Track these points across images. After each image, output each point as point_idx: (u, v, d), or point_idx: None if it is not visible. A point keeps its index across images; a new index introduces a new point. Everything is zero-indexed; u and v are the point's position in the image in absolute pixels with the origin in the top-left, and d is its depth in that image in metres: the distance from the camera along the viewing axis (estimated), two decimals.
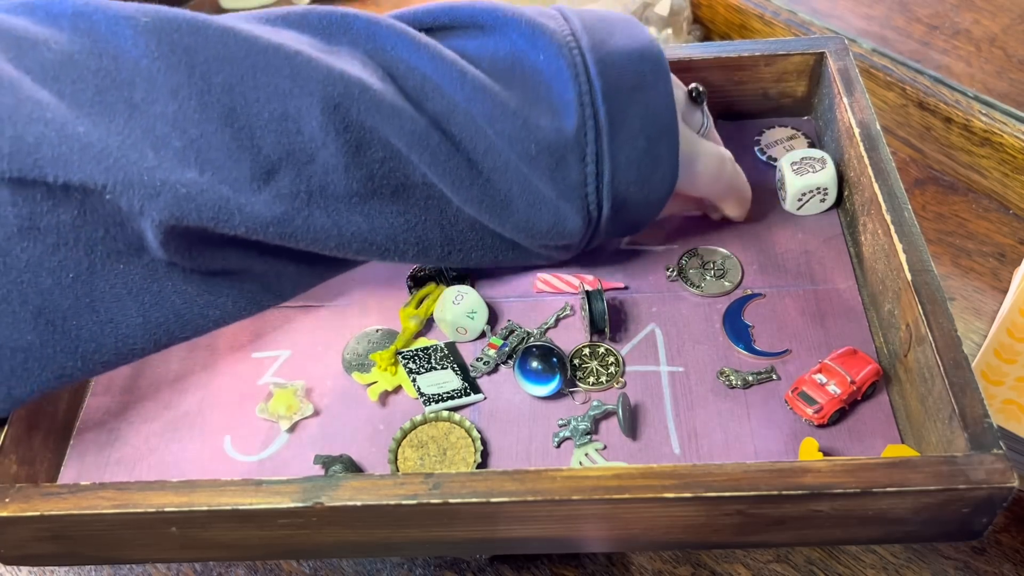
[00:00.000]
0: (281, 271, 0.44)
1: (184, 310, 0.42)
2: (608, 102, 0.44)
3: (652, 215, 0.49)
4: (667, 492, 0.37)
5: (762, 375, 0.47)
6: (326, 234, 0.42)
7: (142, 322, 0.41)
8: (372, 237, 0.43)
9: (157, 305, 0.41)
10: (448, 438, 0.46)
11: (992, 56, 0.75)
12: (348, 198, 0.42)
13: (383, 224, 0.43)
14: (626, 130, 0.45)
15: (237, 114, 0.39)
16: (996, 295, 0.63)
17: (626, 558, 0.52)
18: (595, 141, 0.44)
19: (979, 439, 0.38)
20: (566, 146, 0.44)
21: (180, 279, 0.41)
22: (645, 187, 0.46)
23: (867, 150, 0.50)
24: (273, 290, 0.45)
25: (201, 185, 0.38)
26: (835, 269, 0.51)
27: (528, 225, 0.45)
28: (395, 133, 0.42)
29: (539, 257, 0.50)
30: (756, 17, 0.79)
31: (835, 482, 0.37)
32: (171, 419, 0.48)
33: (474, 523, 0.40)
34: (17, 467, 0.44)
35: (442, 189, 0.44)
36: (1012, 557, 0.51)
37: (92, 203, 0.37)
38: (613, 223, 0.47)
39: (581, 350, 0.49)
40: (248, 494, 0.39)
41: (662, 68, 0.46)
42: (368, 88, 0.41)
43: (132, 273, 0.40)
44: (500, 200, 0.44)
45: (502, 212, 0.45)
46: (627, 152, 0.45)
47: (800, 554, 0.52)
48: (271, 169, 0.40)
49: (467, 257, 0.47)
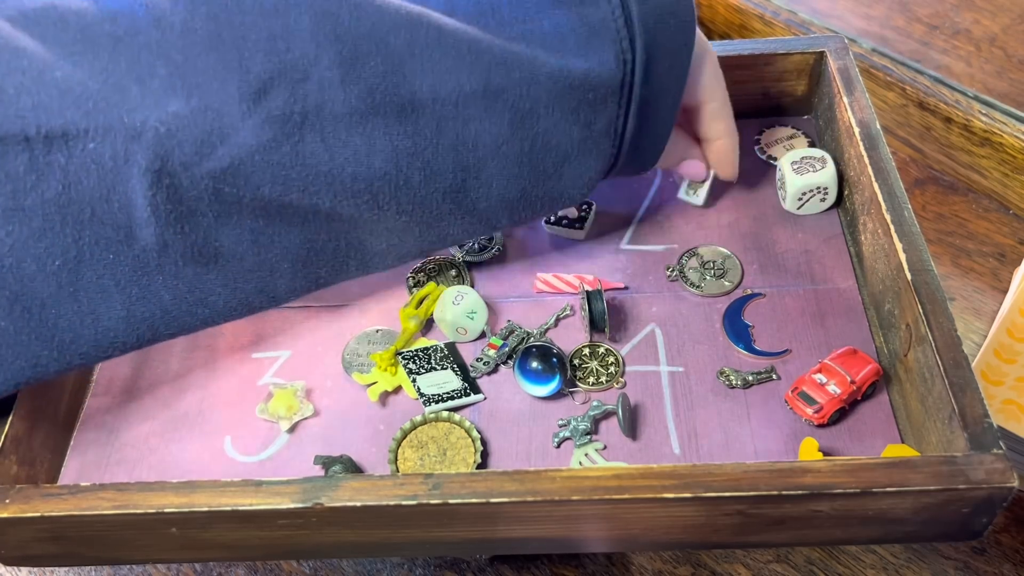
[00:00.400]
0: (275, 267, 0.43)
1: (172, 306, 0.41)
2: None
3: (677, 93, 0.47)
4: (667, 492, 0.37)
5: (762, 375, 0.47)
6: (316, 161, 0.40)
7: (126, 315, 0.40)
8: (370, 162, 0.40)
9: (144, 300, 0.40)
10: (448, 438, 0.46)
11: (992, 56, 0.75)
12: (347, 117, 0.39)
13: (385, 146, 0.41)
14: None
15: (223, 37, 0.38)
16: (996, 295, 0.63)
17: (626, 558, 0.52)
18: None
19: (979, 439, 0.38)
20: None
21: (171, 272, 0.40)
22: (669, 35, 0.44)
23: (867, 149, 0.50)
24: (266, 291, 0.44)
25: (184, 116, 0.37)
26: (835, 269, 0.51)
27: (562, 74, 0.42)
28: (394, 35, 0.40)
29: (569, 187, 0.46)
30: (756, 17, 0.79)
31: (835, 482, 0.37)
32: (171, 419, 0.48)
33: (474, 523, 0.40)
34: (17, 468, 0.44)
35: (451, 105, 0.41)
36: (1012, 557, 0.51)
37: (76, 170, 0.37)
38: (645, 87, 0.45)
39: (581, 350, 0.49)
40: (248, 494, 0.39)
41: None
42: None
43: (121, 264, 0.39)
44: (527, 56, 0.42)
45: (531, 65, 0.42)
46: None
47: (800, 554, 0.52)
48: (261, 89, 0.38)
49: (488, 190, 0.44)
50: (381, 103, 0.40)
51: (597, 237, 0.55)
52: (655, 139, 0.48)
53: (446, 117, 0.41)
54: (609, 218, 0.55)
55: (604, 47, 0.43)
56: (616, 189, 0.57)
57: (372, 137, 0.40)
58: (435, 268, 0.53)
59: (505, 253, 0.54)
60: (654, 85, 0.45)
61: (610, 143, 0.45)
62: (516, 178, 0.44)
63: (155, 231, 0.39)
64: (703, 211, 0.55)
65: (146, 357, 0.51)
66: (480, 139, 0.42)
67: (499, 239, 0.54)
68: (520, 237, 0.55)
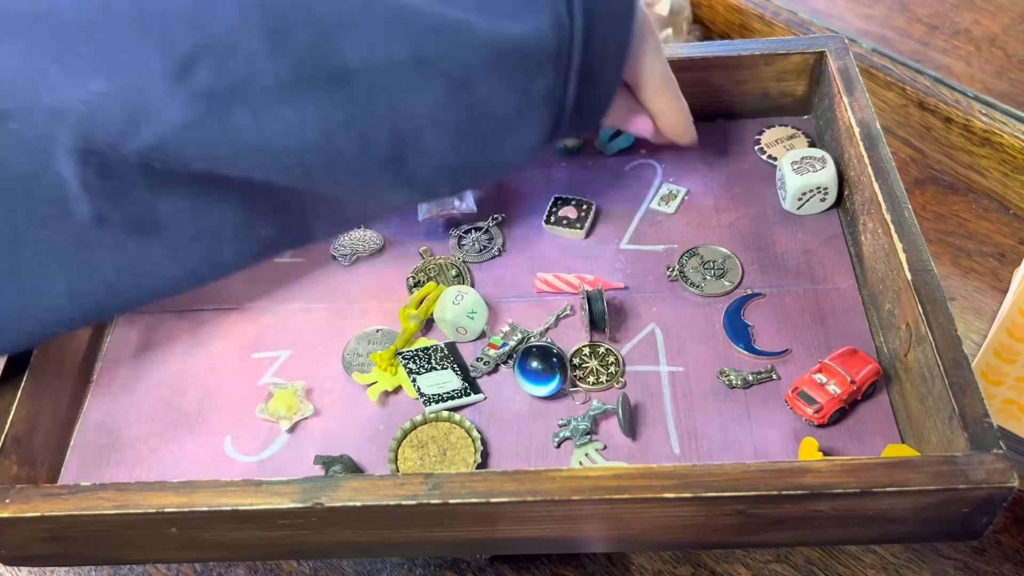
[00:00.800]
0: (217, 233, 0.42)
1: (116, 280, 0.41)
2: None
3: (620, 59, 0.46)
4: (667, 492, 0.37)
5: (762, 375, 0.47)
6: (246, 136, 0.39)
7: (69, 291, 0.40)
8: (302, 135, 0.39)
9: (87, 275, 0.40)
10: (448, 438, 0.46)
11: (992, 56, 0.75)
12: (276, 90, 0.38)
13: (316, 118, 0.39)
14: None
15: (146, 12, 0.37)
16: (996, 295, 0.63)
17: (626, 558, 0.52)
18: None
19: (979, 439, 0.38)
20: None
21: (112, 246, 0.40)
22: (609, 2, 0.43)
23: (867, 149, 0.50)
24: (211, 259, 0.43)
25: (107, 95, 0.37)
26: (835, 269, 0.51)
27: (496, 40, 0.41)
28: (321, 4, 0.38)
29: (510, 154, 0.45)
30: (756, 17, 0.79)
31: (835, 482, 0.37)
32: (171, 419, 0.48)
33: (474, 523, 0.40)
34: (17, 468, 0.44)
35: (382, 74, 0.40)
36: (1012, 557, 0.51)
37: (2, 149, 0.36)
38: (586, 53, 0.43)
39: (581, 350, 0.49)
40: (248, 494, 0.39)
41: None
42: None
43: (60, 241, 0.39)
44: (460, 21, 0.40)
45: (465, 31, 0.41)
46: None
47: (800, 554, 0.52)
48: (186, 65, 0.37)
49: (427, 159, 0.43)
50: (310, 74, 0.39)
51: (597, 237, 0.55)
52: (598, 104, 0.46)
53: (378, 87, 0.40)
54: (609, 218, 0.55)
55: (541, 12, 0.42)
56: (616, 189, 0.57)
57: (303, 109, 0.39)
58: (435, 268, 0.53)
59: (505, 253, 0.54)
60: (595, 51, 0.44)
61: (549, 110, 0.44)
62: (455, 147, 0.43)
63: (89, 206, 0.38)
64: (703, 211, 0.55)
65: (146, 357, 0.51)
66: (415, 108, 0.41)
67: (499, 239, 0.54)
68: (520, 237, 0.55)
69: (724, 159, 0.58)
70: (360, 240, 0.55)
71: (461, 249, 0.54)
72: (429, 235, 0.56)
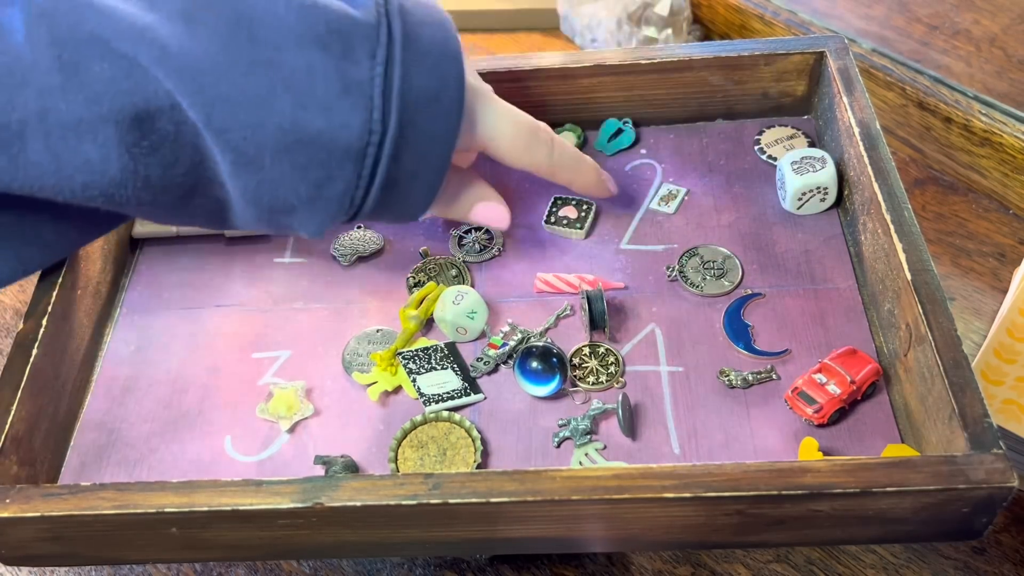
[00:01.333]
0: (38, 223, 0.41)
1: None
2: (403, 16, 0.41)
3: (436, 169, 0.43)
4: (667, 492, 0.37)
5: (762, 375, 0.47)
6: (41, 172, 0.37)
7: None
8: (104, 169, 0.38)
9: None
10: (448, 438, 0.46)
11: (992, 56, 0.75)
12: (75, 125, 0.37)
13: (121, 155, 0.38)
14: (417, 44, 0.40)
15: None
16: (996, 295, 0.63)
17: (626, 558, 0.52)
18: (387, 44, 0.40)
19: (979, 439, 0.38)
20: (358, 34, 0.39)
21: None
22: (433, 107, 0.41)
23: (867, 149, 0.50)
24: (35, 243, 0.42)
25: None
26: (835, 269, 0.51)
27: (294, 127, 0.38)
28: (120, 41, 0.36)
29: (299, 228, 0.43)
30: (756, 17, 0.79)
31: (835, 482, 0.37)
32: (171, 419, 0.48)
33: (474, 523, 0.40)
34: (17, 468, 0.44)
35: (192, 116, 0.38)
36: (1012, 557, 0.51)
37: None
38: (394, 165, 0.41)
39: (581, 350, 0.49)
40: (248, 494, 0.39)
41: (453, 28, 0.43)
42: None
43: None
44: (260, 96, 0.38)
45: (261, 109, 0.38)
46: (417, 64, 0.40)
47: (800, 554, 0.52)
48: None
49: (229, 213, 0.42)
50: (110, 111, 0.37)
51: (597, 237, 0.55)
52: (408, 208, 0.44)
53: (177, 135, 0.38)
54: (609, 218, 0.55)
55: (353, 110, 0.39)
56: None
57: (105, 146, 0.37)
58: (435, 268, 0.53)
59: (505, 253, 0.54)
60: (405, 166, 0.41)
61: (343, 210, 0.42)
62: (244, 208, 0.42)
63: None
64: (703, 211, 0.55)
65: (146, 357, 0.51)
66: (212, 167, 0.40)
67: (499, 239, 0.54)
68: (520, 237, 0.55)
69: (724, 159, 0.58)
70: (360, 240, 0.55)
71: (461, 249, 0.54)
72: (429, 235, 0.56)
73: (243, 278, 0.54)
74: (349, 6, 0.40)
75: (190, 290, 0.54)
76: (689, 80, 0.57)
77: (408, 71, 0.40)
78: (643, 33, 0.82)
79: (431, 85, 0.41)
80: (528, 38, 0.88)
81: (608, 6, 0.82)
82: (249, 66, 0.38)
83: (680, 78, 0.57)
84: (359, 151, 0.40)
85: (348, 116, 0.39)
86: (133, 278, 0.55)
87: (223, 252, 0.56)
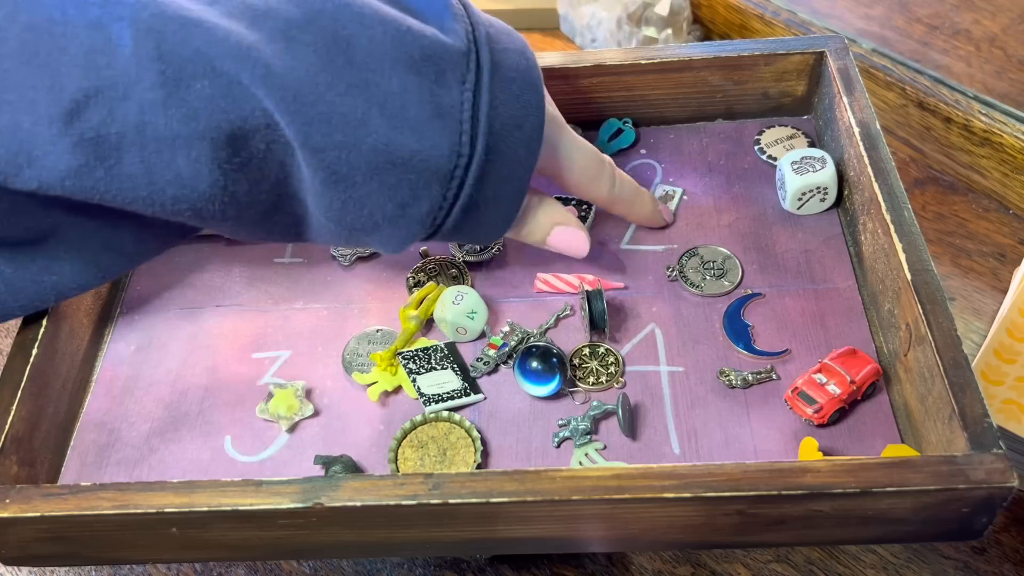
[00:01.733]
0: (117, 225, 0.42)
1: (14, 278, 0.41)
2: (490, 44, 0.42)
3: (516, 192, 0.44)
4: (667, 492, 0.37)
5: (762, 375, 0.47)
6: (134, 184, 0.38)
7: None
8: (195, 185, 0.39)
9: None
10: (448, 438, 0.46)
11: (992, 56, 0.75)
12: (171, 140, 0.37)
13: (212, 171, 0.39)
14: (503, 72, 0.42)
15: (40, 50, 0.36)
16: (996, 295, 0.63)
17: (626, 558, 0.52)
18: (476, 70, 0.41)
19: (979, 439, 0.38)
20: (449, 60, 0.41)
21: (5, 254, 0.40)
22: (516, 133, 0.42)
23: (867, 149, 0.50)
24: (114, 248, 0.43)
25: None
26: (835, 269, 0.51)
27: (388, 148, 0.40)
28: (222, 61, 0.37)
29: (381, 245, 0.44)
30: (756, 17, 0.79)
31: (835, 482, 0.37)
32: (171, 419, 0.48)
33: (474, 523, 0.40)
34: (17, 468, 0.44)
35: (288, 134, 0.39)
36: (1012, 557, 0.51)
37: None
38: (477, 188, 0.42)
39: (581, 350, 0.49)
40: (248, 495, 0.39)
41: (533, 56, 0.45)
42: (183, 7, 0.37)
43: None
44: (358, 116, 0.39)
45: (358, 129, 0.39)
46: (503, 91, 0.42)
47: (800, 554, 0.52)
48: (75, 108, 0.36)
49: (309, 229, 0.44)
50: (206, 128, 0.38)
51: (597, 237, 0.55)
52: (484, 232, 0.46)
53: (268, 156, 0.40)
54: (609, 218, 0.55)
55: (443, 133, 0.40)
56: None
57: (197, 162, 0.38)
58: (435, 268, 0.53)
59: (505, 253, 0.54)
60: (487, 189, 0.43)
61: (424, 229, 0.43)
62: (324, 225, 0.43)
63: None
64: (703, 211, 0.55)
65: (146, 357, 0.51)
66: (299, 185, 0.41)
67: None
68: None
69: (724, 159, 0.58)
70: None
71: (461, 249, 0.54)
72: None
73: (243, 278, 0.54)
74: (440, 33, 0.41)
75: (190, 290, 0.54)
76: (689, 80, 0.57)
77: (495, 98, 0.42)
78: (643, 33, 0.82)
79: (515, 112, 0.42)
80: (528, 38, 0.87)
81: (608, 6, 0.82)
82: (347, 87, 0.39)
83: (680, 78, 0.57)
84: (447, 173, 0.41)
85: (438, 139, 0.40)
86: (133, 278, 0.55)
87: (223, 252, 0.56)
